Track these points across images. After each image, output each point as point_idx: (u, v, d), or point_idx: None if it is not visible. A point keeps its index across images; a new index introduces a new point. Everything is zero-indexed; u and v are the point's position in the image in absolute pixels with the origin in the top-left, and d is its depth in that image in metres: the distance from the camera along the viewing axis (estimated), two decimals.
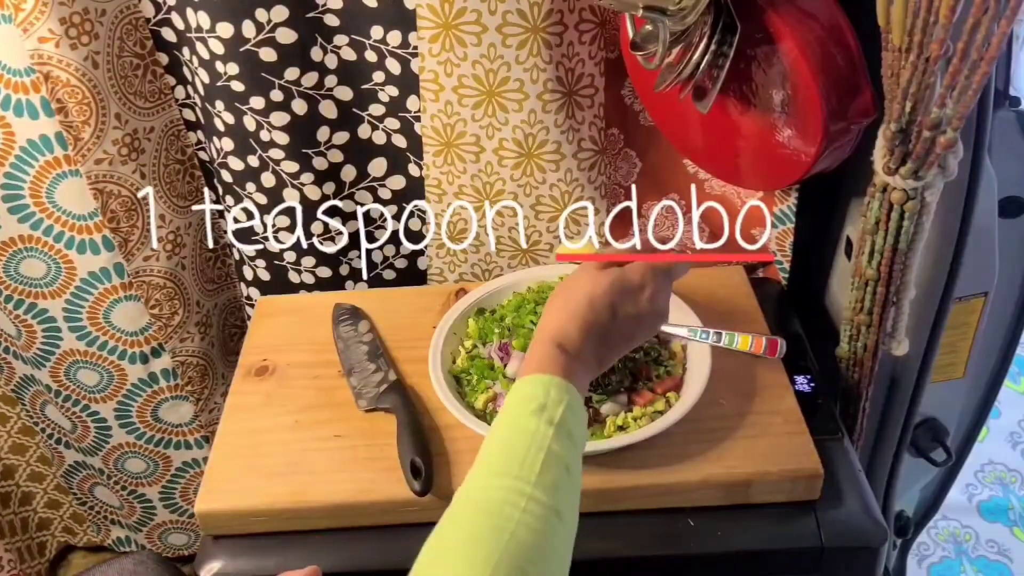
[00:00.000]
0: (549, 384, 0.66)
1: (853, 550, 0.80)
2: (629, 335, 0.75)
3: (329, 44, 0.94)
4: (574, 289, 0.73)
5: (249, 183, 1.03)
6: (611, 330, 0.72)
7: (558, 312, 0.72)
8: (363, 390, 0.91)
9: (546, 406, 0.64)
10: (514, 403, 0.66)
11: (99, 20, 0.92)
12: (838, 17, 0.78)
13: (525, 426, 0.64)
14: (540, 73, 0.92)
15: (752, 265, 1.10)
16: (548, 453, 0.62)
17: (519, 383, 0.68)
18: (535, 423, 0.63)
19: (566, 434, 0.64)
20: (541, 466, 0.61)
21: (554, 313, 0.73)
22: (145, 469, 1.25)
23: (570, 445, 0.64)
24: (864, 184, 0.81)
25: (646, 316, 0.74)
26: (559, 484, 0.61)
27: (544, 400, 0.65)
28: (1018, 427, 1.88)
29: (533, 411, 0.64)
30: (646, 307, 0.74)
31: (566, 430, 0.64)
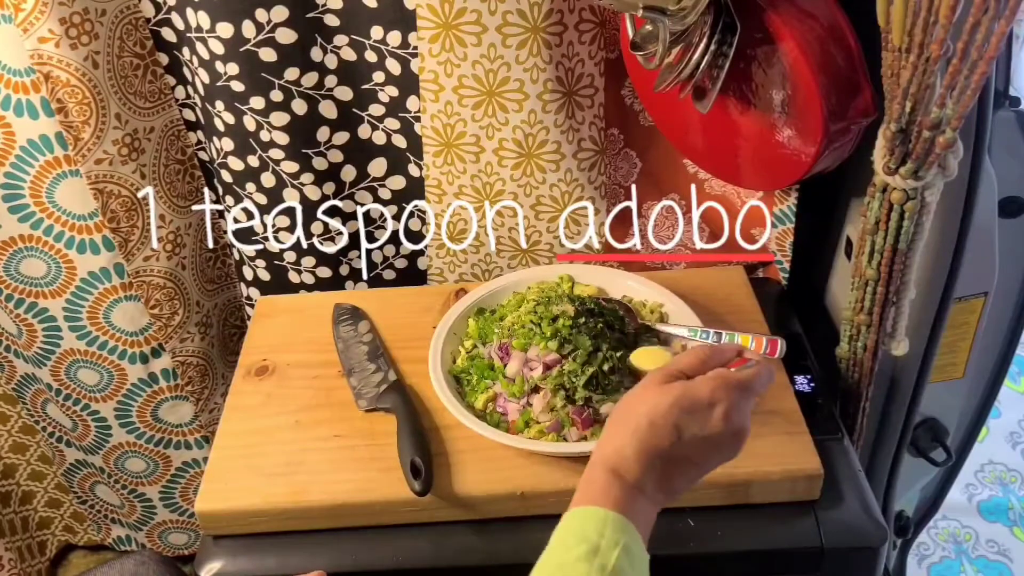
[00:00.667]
0: (604, 520, 0.59)
1: (853, 550, 0.80)
2: (701, 460, 0.64)
3: (329, 44, 0.95)
4: (633, 407, 0.64)
5: (249, 183, 1.03)
6: (676, 455, 0.63)
7: (616, 434, 0.64)
8: (363, 390, 0.91)
9: (599, 549, 0.57)
10: (564, 540, 0.59)
11: (99, 20, 0.92)
12: (838, 17, 0.78)
13: (575, 572, 0.56)
14: (540, 73, 0.92)
15: (752, 265, 1.10)
16: None
17: (572, 515, 0.60)
18: (585, 569, 0.56)
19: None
20: None
21: (611, 434, 0.64)
22: (145, 469, 1.25)
23: None
24: (864, 184, 0.81)
25: (719, 437, 0.63)
26: None
27: (597, 541, 0.58)
28: (1018, 427, 1.88)
29: (584, 555, 0.57)
30: (718, 427, 0.63)
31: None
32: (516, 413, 0.85)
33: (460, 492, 0.80)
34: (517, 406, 0.85)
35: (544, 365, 0.87)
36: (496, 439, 0.81)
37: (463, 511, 0.81)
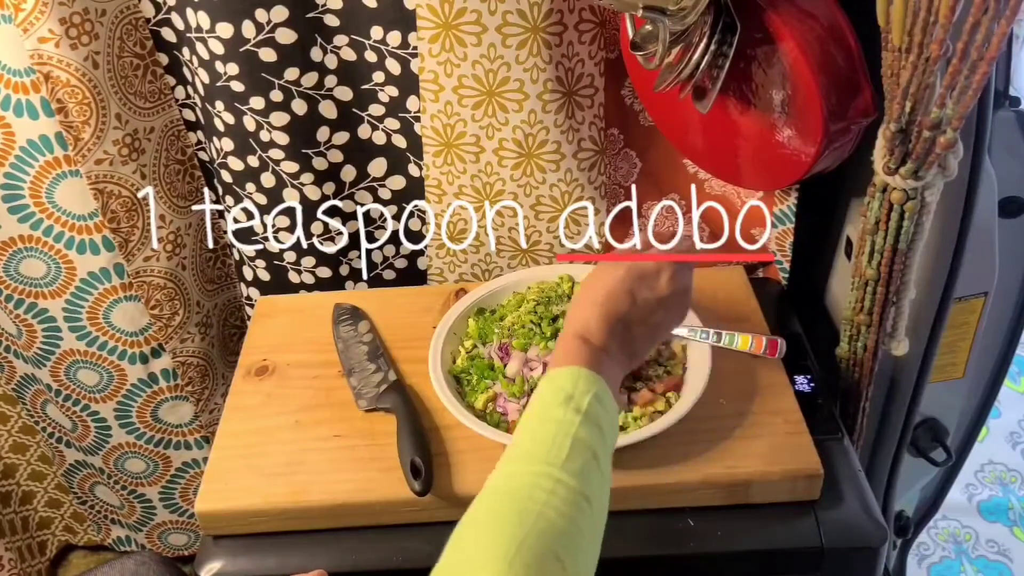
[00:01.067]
0: (576, 375, 0.66)
1: (853, 550, 0.80)
2: (655, 322, 0.74)
3: (329, 44, 0.95)
4: (592, 283, 0.74)
5: (249, 183, 1.03)
6: (633, 317, 0.72)
7: (579, 307, 0.73)
8: (363, 390, 0.91)
9: (573, 396, 0.64)
10: (541, 395, 0.66)
11: (99, 20, 0.92)
12: (838, 17, 0.78)
13: (552, 415, 0.63)
14: (540, 73, 0.92)
15: (752, 265, 1.10)
16: (575, 440, 0.61)
17: (546, 377, 0.68)
18: (562, 412, 0.63)
19: (594, 423, 0.63)
20: (568, 452, 0.61)
21: (576, 308, 0.73)
22: (145, 469, 1.25)
23: (598, 434, 0.63)
24: (864, 184, 0.81)
25: (668, 298, 0.73)
26: (587, 470, 0.61)
27: (571, 390, 0.65)
28: (1018, 427, 1.88)
29: (560, 401, 0.64)
30: (665, 289, 0.73)
31: (594, 419, 0.63)
32: (516, 413, 0.85)
33: (460, 492, 0.80)
34: (517, 406, 0.85)
35: (544, 365, 0.87)
36: (496, 439, 0.81)
37: (463, 511, 0.81)
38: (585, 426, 0.63)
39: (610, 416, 0.66)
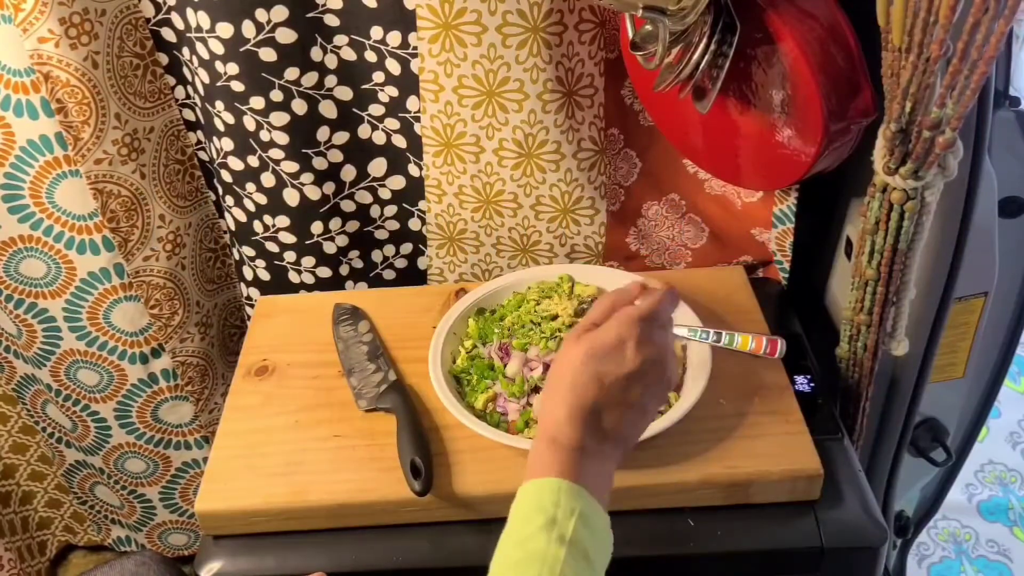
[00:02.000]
0: (557, 489, 0.60)
1: (853, 550, 0.80)
2: (633, 400, 0.65)
3: (329, 44, 0.94)
4: (556, 373, 0.66)
5: (249, 183, 1.03)
6: (606, 403, 0.64)
7: (548, 404, 0.65)
8: (363, 390, 0.91)
9: (556, 520, 0.58)
10: (522, 514, 0.60)
11: (99, 20, 0.92)
12: (838, 17, 0.78)
13: (535, 548, 0.57)
14: (540, 73, 0.92)
15: (752, 265, 1.10)
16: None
17: (525, 489, 0.61)
18: (544, 543, 0.57)
19: (581, 554, 0.57)
20: None
21: (545, 406, 0.65)
22: (145, 469, 1.25)
23: (586, 567, 0.57)
24: (864, 184, 0.81)
25: (639, 371, 0.64)
26: None
27: (553, 512, 0.58)
28: (1018, 427, 1.88)
29: (542, 526, 0.58)
30: (634, 362, 0.64)
31: (581, 549, 0.57)
32: (516, 413, 0.85)
33: (460, 492, 0.80)
34: (517, 406, 0.85)
35: (544, 365, 0.87)
36: (496, 439, 0.81)
37: (463, 511, 0.81)
38: (572, 560, 0.57)
39: (599, 538, 0.60)
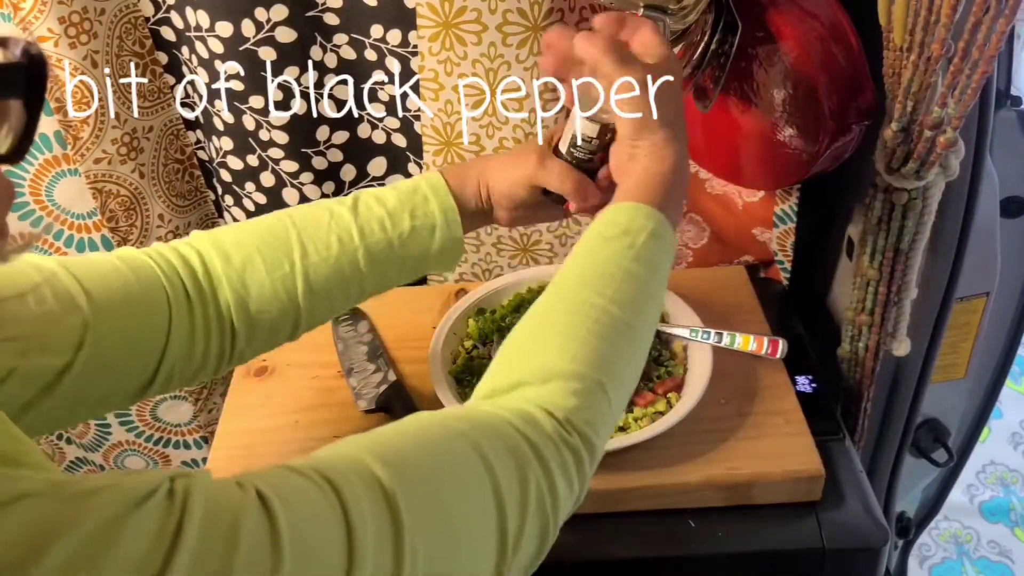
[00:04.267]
0: (636, 211, 0.64)
1: (854, 551, 0.79)
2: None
3: (329, 43, 0.94)
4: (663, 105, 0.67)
5: (248, 182, 1.02)
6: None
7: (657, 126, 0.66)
8: (363, 390, 0.91)
9: (630, 231, 0.63)
10: (597, 227, 0.65)
11: (98, 19, 0.92)
12: (839, 16, 0.78)
13: (607, 250, 0.63)
14: (540, 72, 0.92)
15: (753, 265, 1.10)
16: (627, 273, 0.61)
17: (626, 208, 0.65)
18: (617, 248, 0.62)
19: (650, 264, 0.63)
20: (620, 284, 0.61)
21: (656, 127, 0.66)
22: (145, 467, 1.25)
23: (652, 275, 0.63)
24: (865, 184, 0.81)
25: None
26: (638, 303, 0.61)
27: (627, 226, 0.63)
28: (1019, 428, 1.88)
29: (615, 235, 0.63)
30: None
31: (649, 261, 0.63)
32: None
33: None
34: None
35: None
36: None
37: None
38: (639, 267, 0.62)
39: (667, 250, 0.65)
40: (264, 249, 0.69)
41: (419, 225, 0.73)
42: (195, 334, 0.67)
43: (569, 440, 0.55)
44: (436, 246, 0.74)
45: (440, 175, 0.75)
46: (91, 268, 0.63)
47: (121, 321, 0.63)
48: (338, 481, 0.45)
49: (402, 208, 0.73)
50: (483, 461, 0.51)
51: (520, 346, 0.61)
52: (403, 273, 0.75)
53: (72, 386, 0.60)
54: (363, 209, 0.72)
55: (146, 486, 0.39)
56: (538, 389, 0.56)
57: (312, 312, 0.72)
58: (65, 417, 0.62)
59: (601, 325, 0.59)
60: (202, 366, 0.69)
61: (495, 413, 0.55)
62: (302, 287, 0.70)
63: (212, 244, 0.70)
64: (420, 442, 0.52)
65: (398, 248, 0.72)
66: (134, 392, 0.66)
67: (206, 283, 0.68)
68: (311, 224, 0.71)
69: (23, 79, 0.41)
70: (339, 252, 0.70)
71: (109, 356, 0.62)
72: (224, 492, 0.42)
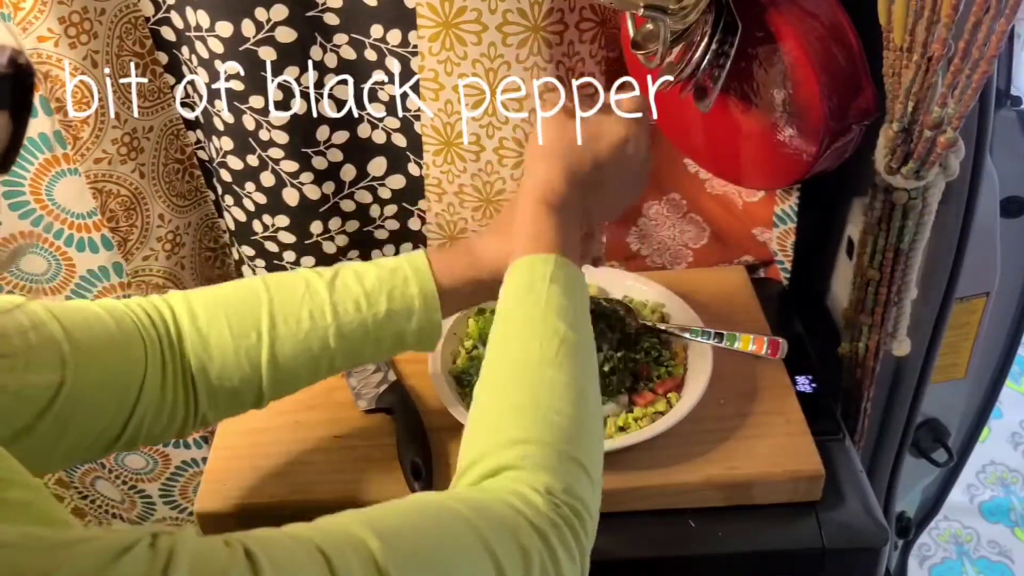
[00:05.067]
0: (549, 264, 0.66)
1: (854, 551, 0.80)
2: (611, 187, 0.74)
3: (329, 43, 0.94)
4: (548, 145, 0.73)
5: (248, 182, 1.02)
6: (592, 182, 0.72)
7: (538, 169, 0.72)
8: (363, 390, 0.91)
9: (535, 288, 0.64)
10: (514, 288, 0.66)
11: (98, 19, 0.92)
12: (839, 16, 0.78)
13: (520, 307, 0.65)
14: (540, 72, 0.92)
15: (753, 265, 1.10)
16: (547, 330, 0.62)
17: (518, 266, 0.67)
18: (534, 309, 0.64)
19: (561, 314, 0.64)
20: (544, 343, 0.61)
21: (537, 171, 0.72)
22: (145, 466, 1.25)
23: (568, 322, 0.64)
24: (865, 184, 0.81)
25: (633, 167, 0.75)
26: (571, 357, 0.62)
27: (540, 279, 0.65)
28: (1020, 428, 1.88)
29: (528, 297, 0.64)
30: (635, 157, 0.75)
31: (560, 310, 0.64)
32: None
33: None
34: None
35: None
36: None
37: None
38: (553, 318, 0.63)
39: (576, 290, 0.66)
40: (232, 315, 0.69)
41: (396, 308, 0.72)
42: (166, 389, 0.67)
43: (565, 518, 0.55)
44: (413, 328, 0.73)
45: (424, 256, 0.75)
46: (73, 312, 0.63)
47: (100, 364, 0.62)
48: (330, 551, 0.45)
49: (380, 288, 0.72)
50: (484, 544, 0.50)
51: (482, 430, 0.60)
52: (379, 352, 0.74)
53: (46, 431, 0.59)
54: (340, 286, 0.72)
55: (127, 540, 0.39)
56: (523, 472, 0.56)
57: (276, 384, 0.71)
58: (36, 464, 0.61)
59: (549, 394, 0.59)
60: (169, 423, 0.68)
61: (495, 497, 0.54)
62: (267, 359, 0.69)
63: (184, 303, 0.70)
64: (419, 521, 0.51)
65: (372, 329, 0.72)
66: (101, 444, 0.65)
67: (177, 340, 0.68)
68: (285, 295, 0.71)
69: (9, 91, 0.40)
70: (309, 328, 0.70)
71: (87, 397, 0.61)
72: (211, 550, 0.41)
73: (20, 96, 0.41)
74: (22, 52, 0.40)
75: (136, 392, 0.65)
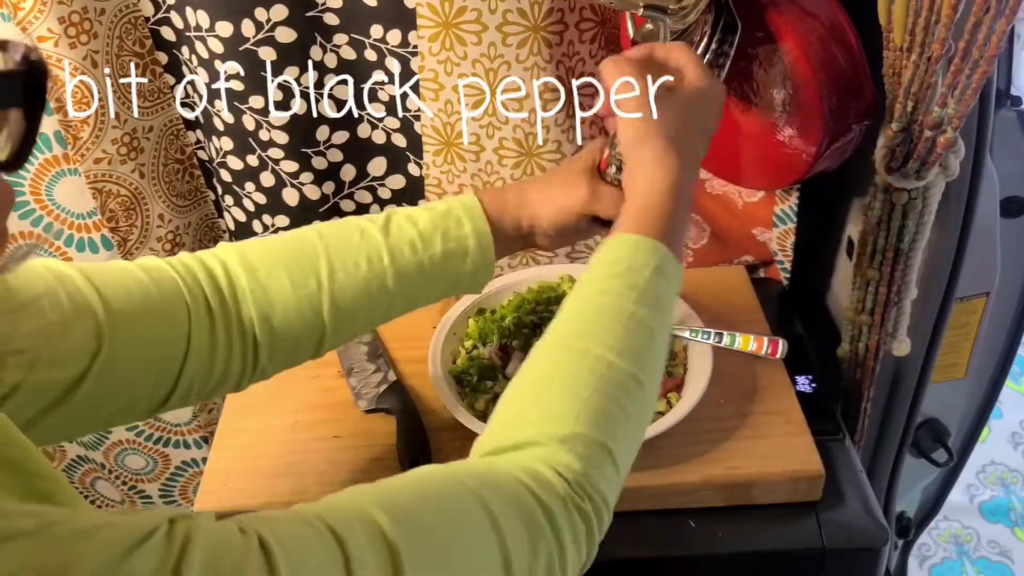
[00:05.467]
0: (654, 251, 0.63)
1: (854, 551, 0.79)
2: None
3: (329, 43, 0.94)
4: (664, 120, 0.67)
5: (248, 182, 1.02)
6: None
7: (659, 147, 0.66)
8: (363, 390, 0.91)
9: (633, 267, 0.62)
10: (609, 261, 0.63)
11: (98, 19, 0.92)
12: (839, 16, 0.78)
13: (609, 288, 0.61)
14: (540, 72, 0.92)
15: (753, 265, 1.10)
16: (631, 318, 0.59)
17: (626, 240, 0.63)
18: (618, 287, 0.61)
19: (654, 302, 0.61)
20: (623, 331, 0.59)
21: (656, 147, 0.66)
22: (145, 466, 1.25)
23: (657, 314, 0.61)
24: (865, 184, 0.81)
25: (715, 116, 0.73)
26: (642, 351, 0.60)
27: (630, 262, 0.62)
28: (1019, 428, 1.88)
29: (624, 282, 0.61)
30: (717, 111, 0.73)
31: (654, 298, 0.61)
32: None
33: None
34: None
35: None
36: None
37: None
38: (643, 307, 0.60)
39: (673, 288, 0.64)
40: (291, 265, 0.68)
41: (451, 248, 0.71)
42: (216, 347, 0.66)
43: (581, 505, 0.54)
44: (468, 269, 0.72)
45: (476, 198, 0.73)
46: (110, 275, 0.62)
47: (138, 331, 0.61)
48: (342, 532, 0.45)
49: (434, 230, 0.71)
50: (490, 519, 0.50)
51: (522, 402, 0.59)
52: (432, 294, 0.74)
53: (85, 397, 0.58)
54: (394, 229, 0.71)
55: (144, 527, 0.38)
56: (545, 450, 0.55)
57: (337, 331, 0.70)
58: (79, 428, 0.61)
59: (606, 381, 0.57)
60: (222, 380, 0.67)
61: (506, 471, 0.54)
62: (328, 306, 0.68)
63: (238, 256, 0.68)
64: (427, 496, 0.51)
65: (428, 270, 0.71)
66: (152, 405, 0.65)
67: (230, 296, 0.67)
68: (340, 242, 0.70)
69: (22, 87, 0.39)
70: (367, 273, 0.69)
71: (125, 366, 0.61)
72: (226, 539, 0.41)
73: (33, 93, 0.40)
74: (35, 48, 0.39)
75: (181, 356, 0.64)
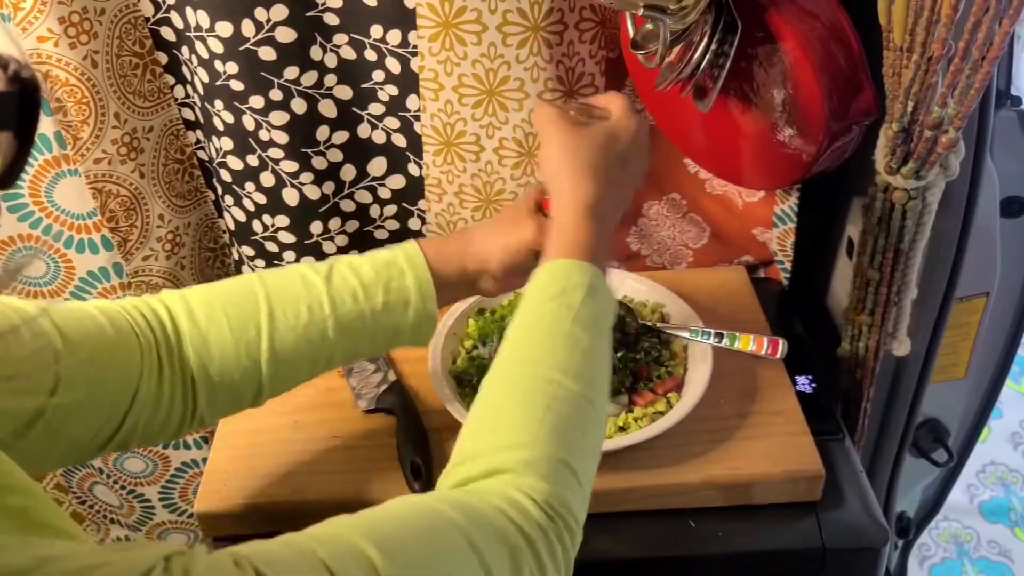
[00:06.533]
0: (585, 271, 0.65)
1: (854, 551, 0.80)
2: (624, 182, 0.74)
3: (329, 43, 0.94)
4: (569, 153, 0.70)
5: (248, 182, 1.02)
6: (620, 182, 0.72)
7: (572, 177, 0.69)
8: (363, 390, 0.91)
9: (565, 291, 0.64)
10: (541, 287, 0.66)
11: (98, 19, 0.92)
12: (839, 16, 0.78)
13: (544, 311, 0.64)
14: (540, 72, 0.92)
15: (753, 265, 1.10)
16: (568, 336, 0.62)
17: (555, 266, 0.66)
18: (554, 308, 0.63)
19: (592, 322, 0.63)
20: (565, 351, 0.61)
21: (569, 178, 0.69)
22: (144, 469, 1.25)
23: (594, 333, 0.64)
24: (865, 184, 0.81)
25: (638, 154, 0.73)
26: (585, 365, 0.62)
27: (563, 285, 0.64)
28: (1019, 427, 1.88)
29: (558, 302, 0.64)
30: (640, 149, 0.73)
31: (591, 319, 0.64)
32: None
33: None
34: None
35: None
36: None
37: None
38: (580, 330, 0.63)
39: (606, 306, 0.66)
40: (231, 312, 0.69)
41: (393, 300, 0.72)
42: (162, 390, 0.66)
43: (555, 525, 0.55)
44: (409, 320, 0.73)
45: (418, 247, 0.74)
46: (70, 314, 0.63)
47: (94, 368, 0.62)
48: (335, 566, 0.46)
49: (376, 279, 0.72)
50: (474, 549, 0.51)
51: (481, 433, 0.61)
52: (375, 346, 0.74)
53: (43, 431, 0.59)
54: (336, 278, 0.71)
55: (140, 566, 0.38)
56: (515, 475, 0.56)
57: (275, 379, 0.71)
58: (32, 466, 0.61)
59: (559, 401, 0.59)
60: (164, 425, 0.68)
61: (484, 500, 0.55)
62: (267, 353, 0.69)
63: (181, 303, 0.69)
64: (413, 529, 0.52)
65: (370, 321, 0.72)
66: (96, 445, 0.65)
67: (175, 341, 0.68)
68: (281, 290, 0.70)
69: (13, 109, 0.38)
70: (308, 320, 0.69)
71: (80, 402, 0.61)
72: (223, 574, 0.42)
73: (25, 114, 0.38)
74: (27, 65, 0.37)
75: (131, 395, 0.65)
